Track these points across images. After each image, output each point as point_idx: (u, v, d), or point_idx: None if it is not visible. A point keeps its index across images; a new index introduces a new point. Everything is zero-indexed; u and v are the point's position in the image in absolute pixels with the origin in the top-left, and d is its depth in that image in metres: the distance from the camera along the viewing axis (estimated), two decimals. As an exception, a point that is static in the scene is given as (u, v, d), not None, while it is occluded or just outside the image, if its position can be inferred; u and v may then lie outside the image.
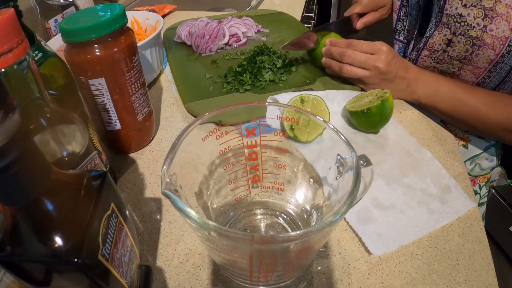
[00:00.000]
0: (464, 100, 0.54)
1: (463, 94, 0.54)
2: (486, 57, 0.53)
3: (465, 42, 0.53)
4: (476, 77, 0.57)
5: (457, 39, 0.54)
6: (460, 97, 0.54)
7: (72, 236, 0.20)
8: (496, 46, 0.51)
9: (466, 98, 0.54)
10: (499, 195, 1.23)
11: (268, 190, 0.37)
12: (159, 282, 0.34)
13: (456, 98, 0.55)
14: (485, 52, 0.52)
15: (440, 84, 0.55)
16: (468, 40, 0.53)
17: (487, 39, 0.51)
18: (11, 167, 0.17)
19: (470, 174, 0.68)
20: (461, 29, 0.53)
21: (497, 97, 0.54)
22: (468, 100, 0.54)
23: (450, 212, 0.39)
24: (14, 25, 0.22)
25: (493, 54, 0.52)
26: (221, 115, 0.31)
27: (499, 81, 0.56)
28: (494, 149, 0.66)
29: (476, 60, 0.54)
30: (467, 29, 0.53)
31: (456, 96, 0.55)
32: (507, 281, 1.22)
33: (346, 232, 0.38)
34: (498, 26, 0.50)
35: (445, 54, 0.57)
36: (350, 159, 0.28)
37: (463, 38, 0.53)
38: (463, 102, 0.54)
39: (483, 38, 0.52)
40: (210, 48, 0.71)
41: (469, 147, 0.65)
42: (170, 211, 0.41)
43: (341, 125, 0.52)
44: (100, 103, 0.42)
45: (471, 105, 0.54)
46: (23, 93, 0.26)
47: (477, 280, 0.33)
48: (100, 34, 0.37)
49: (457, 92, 0.55)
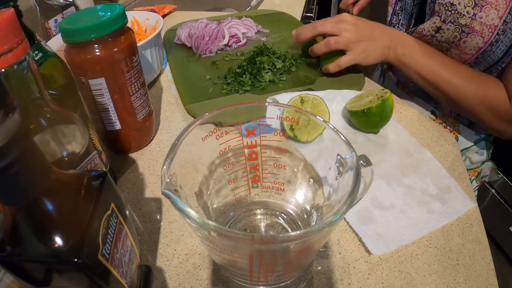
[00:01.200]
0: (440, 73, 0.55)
1: (439, 67, 0.56)
2: (474, 45, 0.54)
3: (454, 30, 0.54)
4: (462, 62, 0.58)
5: (446, 27, 0.55)
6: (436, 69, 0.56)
7: (72, 236, 0.20)
8: (485, 33, 0.52)
9: (442, 71, 0.55)
10: (499, 195, 1.23)
11: (268, 190, 0.37)
12: (159, 282, 0.34)
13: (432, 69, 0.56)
14: (473, 39, 0.53)
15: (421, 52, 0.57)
16: (457, 27, 0.54)
17: (476, 26, 0.52)
18: (11, 167, 0.17)
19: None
20: (451, 17, 0.54)
21: (474, 72, 0.55)
22: (442, 73, 0.55)
23: (450, 212, 0.39)
24: (14, 25, 0.22)
25: (482, 42, 0.53)
26: (221, 115, 0.31)
27: (484, 68, 0.57)
28: (485, 142, 0.67)
29: (464, 46, 0.55)
30: (457, 17, 0.54)
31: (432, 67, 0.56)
32: (507, 281, 1.22)
33: (346, 232, 0.38)
34: (488, 14, 0.50)
35: (434, 39, 0.59)
36: (350, 159, 0.28)
37: (453, 25, 0.54)
38: (439, 75, 0.56)
39: (472, 25, 0.52)
40: (210, 49, 0.71)
41: (460, 139, 0.66)
42: (170, 211, 0.41)
43: (341, 125, 0.52)
44: (100, 103, 0.42)
45: (444, 76, 0.55)
46: (23, 93, 0.26)
47: (477, 280, 0.33)
48: (100, 34, 0.37)
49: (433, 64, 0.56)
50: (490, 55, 0.54)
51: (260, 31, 0.81)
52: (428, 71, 0.56)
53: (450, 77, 0.55)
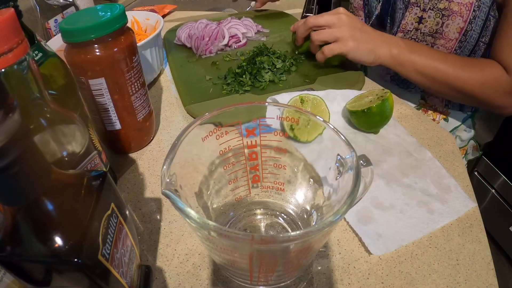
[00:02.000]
0: (435, 66, 0.56)
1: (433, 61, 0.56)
2: (456, 26, 0.57)
3: (435, 16, 0.58)
4: (448, 50, 0.61)
5: (427, 15, 0.58)
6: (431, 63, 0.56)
7: (72, 236, 0.20)
8: (463, 12, 0.56)
9: (436, 64, 0.56)
10: (499, 195, 1.23)
11: (268, 190, 0.37)
12: (159, 282, 0.34)
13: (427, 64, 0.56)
14: (454, 20, 0.57)
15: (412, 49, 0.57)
16: (437, 13, 0.57)
17: (454, 7, 0.56)
18: (11, 167, 0.17)
19: None
20: (429, 4, 0.58)
21: (464, 59, 0.57)
22: (438, 65, 0.56)
23: (450, 212, 0.39)
24: (14, 25, 0.22)
25: (462, 21, 0.57)
26: (221, 115, 0.31)
27: (469, 51, 0.60)
28: (471, 120, 0.70)
29: (447, 31, 0.58)
30: (435, 3, 0.57)
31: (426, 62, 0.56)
32: (507, 281, 1.21)
33: (346, 232, 0.38)
34: None
35: (418, 32, 0.61)
36: (350, 159, 0.28)
37: (433, 12, 0.58)
38: (435, 68, 0.56)
39: (451, 7, 0.56)
40: (210, 49, 0.71)
41: (449, 120, 0.69)
42: (170, 211, 0.41)
43: (341, 125, 0.52)
44: (100, 103, 0.42)
45: (440, 69, 0.56)
46: (23, 93, 0.25)
47: (477, 280, 0.33)
48: (100, 34, 0.37)
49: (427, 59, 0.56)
50: (472, 34, 0.57)
51: (260, 31, 0.81)
52: (423, 66, 0.56)
53: (445, 68, 0.56)
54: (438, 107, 0.69)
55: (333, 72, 0.62)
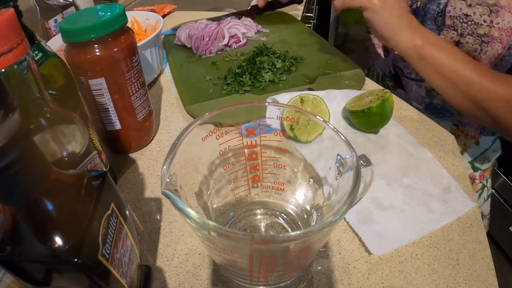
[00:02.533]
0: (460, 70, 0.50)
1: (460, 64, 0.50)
2: (494, 52, 0.53)
3: (473, 42, 0.53)
4: None
5: (465, 40, 0.53)
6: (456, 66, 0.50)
7: (72, 236, 0.20)
8: (503, 38, 0.51)
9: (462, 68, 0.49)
10: (499, 195, 1.23)
11: (268, 190, 0.37)
12: (159, 282, 0.34)
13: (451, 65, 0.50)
14: (493, 47, 0.52)
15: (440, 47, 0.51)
16: (476, 39, 0.52)
17: (495, 33, 0.51)
18: (11, 167, 0.17)
19: (481, 169, 0.68)
20: (468, 29, 0.52)
21: (495, 72, 0.50)
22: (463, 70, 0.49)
23: (450, 212, 0.39)
24: (14, 25, 0.22)
25: (501, 48, 0.52)
26: (221, 115, 0.31)
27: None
28: (498, 140, 0.67)
29: (484, 58, 0.54)
30: (474, 28, 0.52)
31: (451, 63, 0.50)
32: (507, 281, 1.21)
33: (346, 232, 0.38)
34: (504, 18, 0.50)
35: None
36: (350, 159, 0.27)
37: (472, 38, 0.53)
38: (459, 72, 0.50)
39: (491, 33, 0.51)
40: (210, 50, 0.71)
41: (480, 143, 0.66)
42: (170, 211, 0.41)
43: (341, 125, 0.52)
44: (100, 103, 0.42)
45: (464, 74, 0.49)
46: (23, 93, 0.26)
47: (477, 280, 0.33)
48: (100, 34, 0.37)
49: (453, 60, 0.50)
50: (509, 59, 0.52)
51: (260, 31, 0.81)
52: (446, 66, 0.50)
53: (471, 75, 0.49)
54: (470, 132, 0.64)
55: (333, 72, 0.62)
